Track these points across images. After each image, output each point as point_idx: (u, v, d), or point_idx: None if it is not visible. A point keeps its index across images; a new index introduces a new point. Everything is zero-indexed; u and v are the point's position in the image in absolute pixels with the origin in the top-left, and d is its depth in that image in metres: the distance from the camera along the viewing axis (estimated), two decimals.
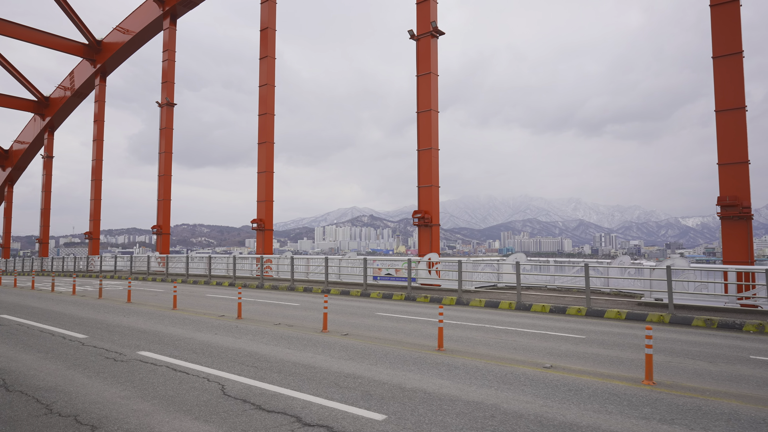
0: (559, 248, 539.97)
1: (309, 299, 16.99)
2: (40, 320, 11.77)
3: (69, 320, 11.78)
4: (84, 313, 12.98)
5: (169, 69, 34.30)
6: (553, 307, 14.12)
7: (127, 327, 10.74)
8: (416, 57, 21.07)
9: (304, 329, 10.56)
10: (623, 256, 17.41)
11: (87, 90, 42.18)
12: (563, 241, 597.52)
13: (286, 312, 13.46)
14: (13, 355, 8.08)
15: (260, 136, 27.42)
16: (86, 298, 16.95)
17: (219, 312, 13.37)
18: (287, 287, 20.77)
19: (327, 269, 19.75)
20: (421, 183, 20.72)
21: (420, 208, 20.39)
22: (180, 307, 14.17)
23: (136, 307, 14.29)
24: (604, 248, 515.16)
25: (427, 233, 20.20)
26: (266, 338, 9.49)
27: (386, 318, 12.42)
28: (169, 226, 34.12)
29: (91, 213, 39.49)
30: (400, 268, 19.55)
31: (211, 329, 10.48)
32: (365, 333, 10.15)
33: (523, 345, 9.08)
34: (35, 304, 15.10)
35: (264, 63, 27.60)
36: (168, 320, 11.72)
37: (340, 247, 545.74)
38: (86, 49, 39.10)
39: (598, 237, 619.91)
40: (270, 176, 27.18)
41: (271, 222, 27.00)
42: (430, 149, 20.37)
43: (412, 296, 17.15)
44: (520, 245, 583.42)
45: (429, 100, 20.43)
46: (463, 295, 16.45)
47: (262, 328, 10.62)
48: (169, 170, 34.34)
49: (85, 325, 10.97)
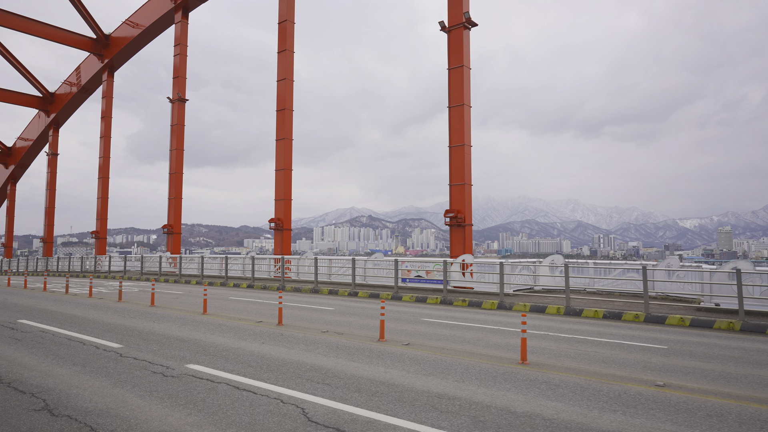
0: (558, 249, 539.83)
1: (340, 302, 16.08)
2: (64, 326, 10.85)
3: (95, 326, 10.85)
4: (109, 318, 12.05)
5: (181, 64, 33.31)
6: (607, 313, 13.24)
7: (162, 335, 9.82)
8: (448, 49, 20.16)
9: (357, 337, 9.66)
10: (671, 257, 16.48)
11: (94, 86, 41.16)
12: (562, 242, 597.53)
13: (324, 317, 12.55)
14: (46, 368, 7.17)
15: (278, 132, 26.47)
16: (105, 301, 16.01)
17: (254, 317, 12.46)
18: (310, 289, 19.86)
19: (354, 271, 18.84)
20: (453, 181, 19.80)
21: (452, 207, 19.48)
22: (210, 312, 13.25)
23: (163, 312, 13.37)
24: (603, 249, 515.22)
25: (460, 234, 19.29)
26: (321, 348, 8.59)
27: (437, 325, 11.52)
28: (180, 225, 33.19)
29: (98, 212, 38.49)
30: (431, 270, 18.65)
31: (255, 338, 9.57)
32: (427, 342, 9.25)
33: (609, 357, 8.19)
34: (53, 308, 14.17)
35: (282, 57, 26.66)
36: (204, 327, 10.80)
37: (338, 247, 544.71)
38: (94, 44, 38.09)
39: (596, 238, 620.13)
40: (288, 174, 26.21)
41: (289, 221, 26.05)
42: (463, 146, 19.46)
43: (449, 300, 16.26)
44: (519, 246, 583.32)
45: (462, 95, 19.52)
46: (505, 299, 15.55)
47: (310, 336, 9.71)
48: (181, 168, 33.38)
49: (116, 332, 10.05)
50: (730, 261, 13.94)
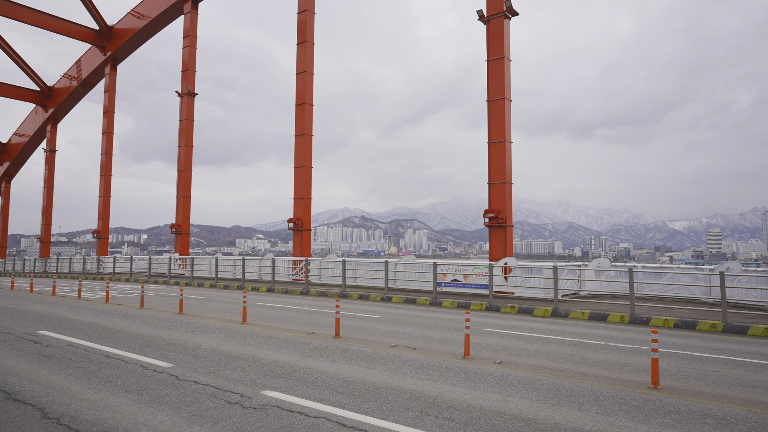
0: (550, 251, 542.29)
1: (379, 309, 14.92)
2: (94, 339, 9.60)
3: (130, 339, 9.61)
4: (140, 329, 10.80)
5: (190, 57, 31.93)
6: (678, 321, 12.19)
7: (212, 350, 8.61)
8: (487, 40, 19.03)
9: (435, 353, 8.51)
10: (732, 262, 15.47)
11: (95, 79, 39.56)
12: (554, 243, 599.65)
13: (377, 327, 11.39)
14: (96, 397, 5.96)
15: (297, 128, 25.19)
16: (125, 308, 14.72)
17: (300, 326, 11.26)
18: (338, 294, 18.66)
19: (387, 275, 17.68)
20: (492, 179, 18.68)
21: (492, 207, 18.36)
22: (250, 321, 12.02)
23: (196, 320, 12.12)
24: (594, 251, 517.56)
25: (500, 235, 18.18)
26: (405, 368, 7.43)
27: (508, 336, 10.39)
28: (189, 225, 31.83)
29: (100, 211, 36.92)
30: (469, 274, 17.53)
31: (319, 354, 8.39)
32: (519, 360, 8.11)
33: (737, 378, 7.11)
34: (72, 316, 12.87)
35: (301, 48, 25.41)
36: (253, 340, 9.60)
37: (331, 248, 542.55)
38: (96, 35, 36.54)
39: (588, 240, 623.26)
40: (308, 171, 24.93)
41: (309, 221, 24.79)
42: (504, 142, 18.34)
43: (495, 306, 15.15)
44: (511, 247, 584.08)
45: (502, 88, 18.41)
46: (560, 306, 14.47)
47: (381, 352, 8.54)
48: (190, 165, 32.00)
49: (156, 347, 8.82)
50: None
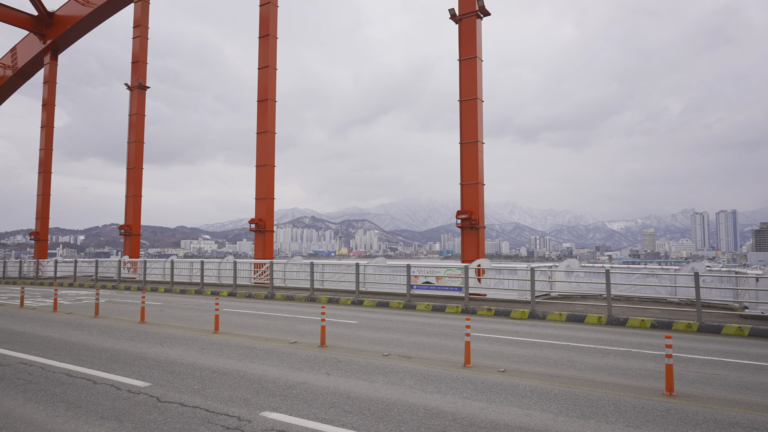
0: (497, 251, 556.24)
1: (354, 313, 14.36)
2: (50, 355, 8.57)
3: (91, 353, 8.64)
4: (100, 342, 9.78)
5: (141, 48, 30.10)
6: (655, 322, 12.34)
7: (189, 365, 7.82)
8: (459, 39, 18.83)
9: (434, 362, 8.08)
10: (697, 263, 15.93)
11: (32, 70, 36.70)
12: (501, 243, 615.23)
13: (361, 333, 10.85)
14: (67, 427, 5.16)
15: (259, 124, 24.16)
16: (77, 317, 13.45)
17: (279, 335, 10.56)
18: (306, 298, 17.94)
19: (358, 277, 17.13)
20: (464, 180, 18.48)
21: (464, 208, 18.16)
22: (223, 330, 11.19)
23: (161, 330, 11.17)
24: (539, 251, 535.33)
25: (473, 236, 18.01)
26: (408, 380, 6.97)
27: (497, 341, 10.10)
28: (139, 226, 29.95)
29: (38, 210, 34.19)
30: (441, 276, 17.26)
31: (310, 366, 7.78)
32: (521, 367, 7.81)
33: (741, 381, 7.07)
34: (17, 327, 11.58)
35: (264, 42, 24.38)
36: (231, 351, 8.85)
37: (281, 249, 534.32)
38: (35, 22, 33.86)
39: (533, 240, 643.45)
40: (271, 170, 23.94)
41: (272, 222, 23.80)
42: (476, 142, 18.18)
43: (472, 308, 14.93)
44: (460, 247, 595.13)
45: (474, 88, 18.26)
46: (537, 307, 14.40)
47: (375, 362, 8.03)
48: (141, 162, 30.14)
49: (126, 363, 7.94)
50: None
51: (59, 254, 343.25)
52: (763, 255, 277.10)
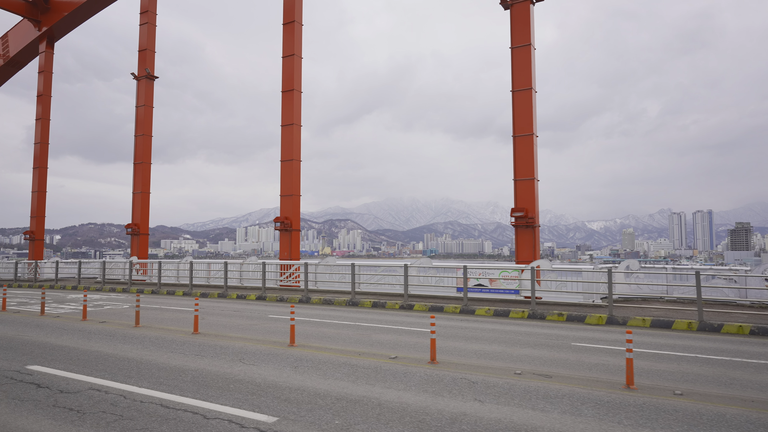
0: (480, 250, 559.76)
1: (417, 320, 13.15)
2: (117, 377, 7.18)
3: (169, 375, 7.26)
4: (168, 359, 8.38)
5: (149, 35, 28.39)
6: (755, 328, 11.39)
7: (297, 388, 6.53)
8: (510, 26, 17.72)
9: (580, 382, 6.92)
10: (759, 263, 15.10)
11: (25, 58, 34.54)
12: (483, 243, 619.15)
13: (458, 345, 9.62)
14: None
15: (284, 117, 22.73)
16: (113, 326, 11.94)
17: (369, 349, 9.27)
18: (347, 302, 16.64)
19: (407, 280, 15.90)
20: (518, 176, 17.38)
21: (518, 206, 17.06)
22: (298, 342, 9.85)
23: (227, 343, 9.78)
24: None
25: (529, 236, 16.92)
26: (586, 410, 5.79)
27: (619, 354, 8.98)
28: (148, 224, 28.21)
29: (34, 208, 32.13)
30: (495, 278, 16.13)
31: (449, 390, 6.55)
32: (697, 389, 6.68)
33: None
34: (54, 341, 10.06)
35: (288, 30, 22.93)
36: (332, 369, 7.56)
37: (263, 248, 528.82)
38: (29, 7, 31.76)
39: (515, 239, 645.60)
40: (297, 165, 22.52)
41: (298, 221, 22.36)
42: (531, 135, 17.10)
43: (540, 313, 13.82)
44: (443, 247, 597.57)
45: (528, 77, 17.18)
46: (615, 312, 13.36)
47: (517, 384, 6.84)
48: (149, 157, 28.41)
49: (219, 387, 6.61)
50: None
51: None
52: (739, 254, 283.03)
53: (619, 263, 16.97)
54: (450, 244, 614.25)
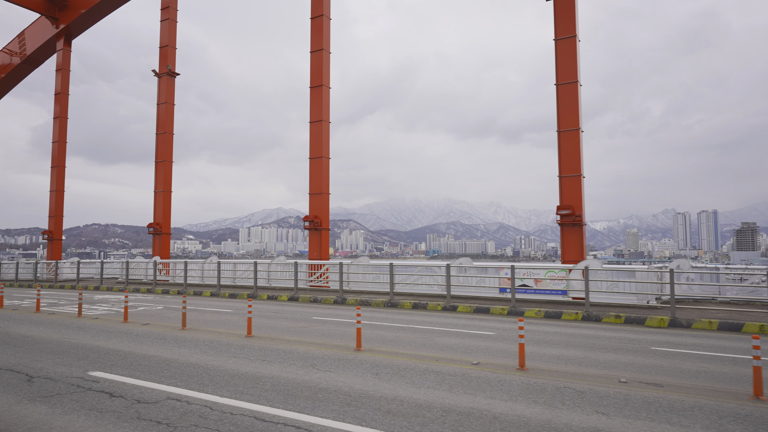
0: (483, 250, 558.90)
1: (470, 322, 12.63)
2: (194, 385, 6.65)
3: (246, 383, 6.74)
4: (233, 364, 7.86)
5: (171, 31, 27.92)
6: None
7: (394, 399, 6.00)
8: (554, 17, 17.17)
9: (699, 392, 6.37)
10: None
11: (42, 56, 34.10)
12: (486, 243, 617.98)
13: (536, 350, 9.07)
14: None
15: (312, 113, 22.22)
16: (159, 328, 11.41)
17: (444, 354, 8.74)
18: (385, 303, 16.10)
19: (449, 280, 15.36)
20: (563, 172, 16.83)
21: (564, 203, 16.52)
22: (365, 347, 9.32)
23: (286, 347, 9.25)
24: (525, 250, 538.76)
25: (576, 234, 16.38)
26: (732, 425, 5.24)
27: (690, 357, 8.43)
28: (169, 224, 27.71)
29: (52, 208, 31.68)
30: (541, 279, 15.58)
31: (569, 406, 6.01)
32: None
33: None
34: (105, 344, 9.54)
35: (316, 24, 22.41)
36: (419, 377, 7.03)
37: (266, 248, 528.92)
38: (47, 4, 31.34)
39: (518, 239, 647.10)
40: (326, 162, 21.98)
41: (327, 219, 21.85)
42: (576, 130, 16.56)
43: (595, 315, 13.26)
44: (446, 247, 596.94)
45: (573, 70, 16.61)
46: (678, 314, 12.80)
47: (633, 394, 6.29)
48: (170, 155, 27.93)
49: (305, 397, 6.08)
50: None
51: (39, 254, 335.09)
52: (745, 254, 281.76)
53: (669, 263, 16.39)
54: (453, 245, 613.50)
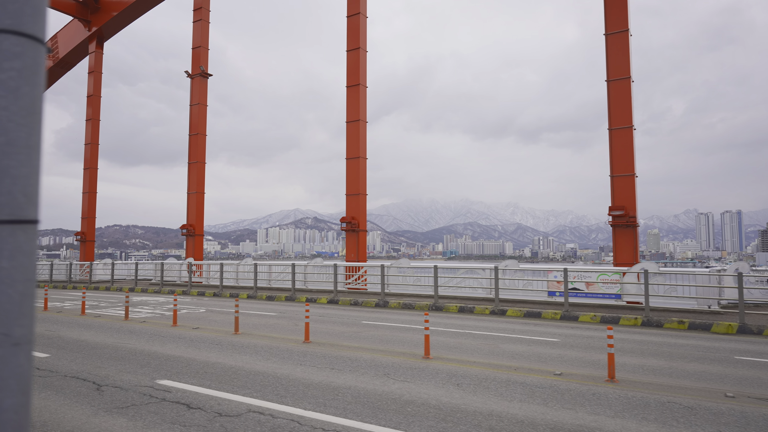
0: (501, 251, 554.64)
1: (527, 327, 12.16)
2: (270, 396, 6.33)
3: (326, 394, 6.40)
4: (302, 373, 7.52)
5: (203, 32, 27.91)
6: None
7: (487, 413, 5.59)
8: (604, 10, 16.60)
9: None
10: None
11: (75, 59, 34.45)
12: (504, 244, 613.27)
13: (605, 359, 8.60)
14: None
15: (349, 113, 21.93)
16: (210, 333, 11.17)
17: (514, 362, 8.31)
18: (429, 306, 15.69)
19: (497, 283, 14.90)
20: (615, 171, 16.27)
21: (617, 204, 15.96)
22: (433, 355, 8.92)
23: (350, 354, 8.90)
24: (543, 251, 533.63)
25: (629, 236, 15.81)
26: None
27: None
28: (202, 225, 27.74)
29: (84, 209, 31.97)
30: (593, 282, 15.03)
31: (656, 414, 5.54)
32: None
33: None
34: (158, 349, 9.29)
35: (352, 21, 22.15)
36: (507, 389, 6.61)
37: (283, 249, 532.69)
38: (80, 7, 31.62)
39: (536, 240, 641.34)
40: (363, 163, 21.70)
41: (365, 221, 21.60)
42: (629, 128, 15.98)
43: (655, 321, 12.69)
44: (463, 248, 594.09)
45: (625, 65, 16.02)
46: (748, 320, 12.17)
47: (729, 409, 5.79)
48: (203, 156, 27.92)
49: (395, 411, 5.71)
50: None
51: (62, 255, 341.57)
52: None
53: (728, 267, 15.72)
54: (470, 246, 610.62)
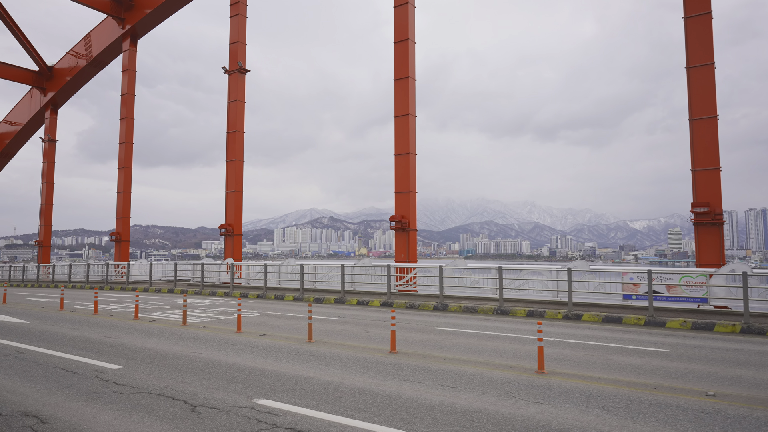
0: (518, 251, 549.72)
1: (608, 334, 11.19)
2: (382, 419, 5.49)
3: (458, 421, 5.54)
4: (415, 392, 6.68)
5: (240, 26, 27.31)
6: None
7: None
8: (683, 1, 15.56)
9: None
10: None
11: (108, 57, 34.16)
12: (522, 243, 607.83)
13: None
14: None
15: (397, 107, 21.13)
16: (276, 340, 10.41)
17: (625, 377, 7.38)
18: (494, 310, 14.77)
19: (571, 285, 13.92)
20: (697, 165, 15.20)
21: (700, 200, 14.90)
22: (549, 369, 8.02)
23: (449, 367, 8.05)
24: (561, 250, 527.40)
25: (714, 235, 14.73)
26: None
27: None
28: (241, 224, 27.16)
29: (119, 209, 31.64)
30: (675, 285, 13.95)
31: None
32: None
33: None
34: (248, 363, 8.54)
35: (400, 12, 21.30)
36: (666, 414, 5.68)
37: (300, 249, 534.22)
38: (114, 5, 31.28)
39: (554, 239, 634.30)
40: (413, 159, 20.88)
41: (415, 219, 20.72)
42: (714, 118, 14.93)
43: (757, 327, 11.62)
44: (480, 247, 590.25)
45: (709, 51, 14.95)
46: None
47: None
48: (241, 154, 27.34)
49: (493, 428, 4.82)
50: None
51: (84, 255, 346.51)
52: None
53: None
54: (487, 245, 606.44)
